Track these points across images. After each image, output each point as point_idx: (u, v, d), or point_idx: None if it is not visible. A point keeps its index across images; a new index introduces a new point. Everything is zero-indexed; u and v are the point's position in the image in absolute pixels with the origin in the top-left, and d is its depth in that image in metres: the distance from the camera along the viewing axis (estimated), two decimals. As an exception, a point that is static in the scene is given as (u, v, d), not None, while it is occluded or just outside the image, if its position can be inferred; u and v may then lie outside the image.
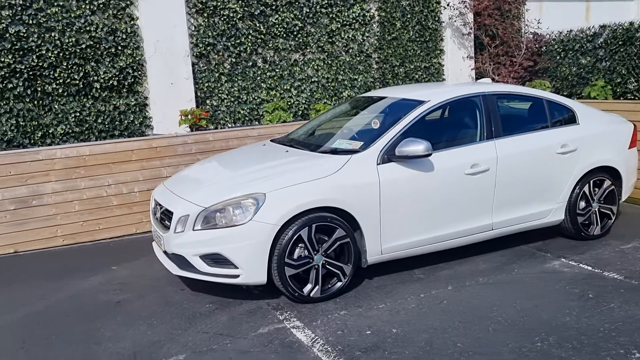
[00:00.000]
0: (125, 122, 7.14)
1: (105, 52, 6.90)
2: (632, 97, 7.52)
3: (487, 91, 5.26)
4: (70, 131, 6.88)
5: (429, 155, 4.59)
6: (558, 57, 8.74)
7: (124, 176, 6.36)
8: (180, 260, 4.46)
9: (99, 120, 6.99)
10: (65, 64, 6.70)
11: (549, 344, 3.66)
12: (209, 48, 7.57)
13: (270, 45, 7.88)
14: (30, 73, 6.60)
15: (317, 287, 4.43)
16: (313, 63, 8.24)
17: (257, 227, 4.21)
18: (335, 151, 4.83)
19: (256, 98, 7.89)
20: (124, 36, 6.98)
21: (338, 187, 4.44)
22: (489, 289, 4.58)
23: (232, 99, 7.76)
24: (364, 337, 3.87)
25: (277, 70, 8.02)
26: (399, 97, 5.42)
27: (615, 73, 7.88)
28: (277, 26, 7.86)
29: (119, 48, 6.98)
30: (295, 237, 4.28)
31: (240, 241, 4.21)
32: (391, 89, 5.96)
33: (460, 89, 5.31)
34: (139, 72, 7.13)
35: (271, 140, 5.74)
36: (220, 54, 7.64)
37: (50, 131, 6.79)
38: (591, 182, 5.57)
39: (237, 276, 4.28)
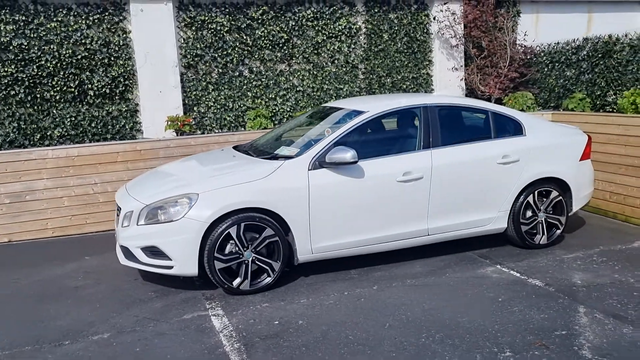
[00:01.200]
0: (117, 126, 7.79)
1: (99, 63, 7.58)
2: (611, 110, 7.55)
3: (429, 103, 5.53)
4: (67, 134, 7.58)
5: (355, 162, 4.92)
6: (546, 69, 8.81)
7: (110, 176, 6.97)
8: (126, 252, 4.98)
9: (93, 125, 7.67)
10: (62, 73, 7.41)
11: (432, 340, 3.93)
12: (197, 59, 8.13)
13: (256, 57, 8.37)
14: (31, 81, 7.35)
15: (246, 280, 4.83)
16: (298, 73, 8.66)
17: (189, 224, 4.67)
18: (275, 157, 5.23)
19: (242, 106, 8.39)
20: (117, 48, 7.65)
21: (267, 190, 4.84)
22: (410, 290, 4.86)
23: (219, 107, 8.29)
24: (270, 326, 4.25)
25: (263, 80, 8.49)
26: (350, 108, 5.77)
27: (596, 86, 7.92)
28: (263, 38, 8.34)
29: (112, 59, 7.65)
30: (224, 234, 4.71)
31: (174, 236, 4.68)
32: (352, 99, 6.30)
33: (403, 101, 5.60)
34: (130, 81, 7.78)
35: (233, 147, 6.19)
36: (208, 64, 8.18)
37: (49, 134, 7.51)
38: (536, 192, 5.73)
39: (171, 267, 4.75)
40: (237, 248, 4.78)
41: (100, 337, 4.18)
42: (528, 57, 9.06)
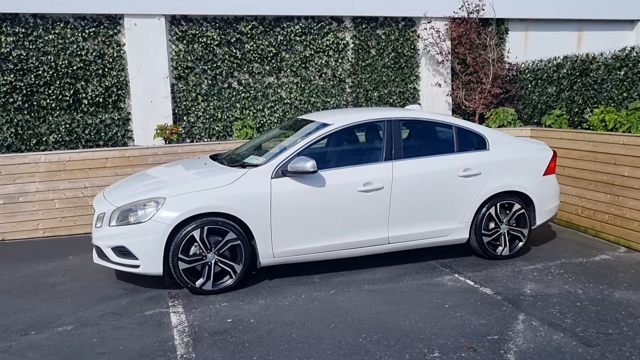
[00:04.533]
0: (110, 133, 8.19)
1: (94, 73, 8.00)
2: (587, 127, 7.71)
3: (393, 117, 5.78)
4: (61, 140, 7.99)
5: (315, 172, 5.19)
6: (529, 86, 9.00)
7: (99, 180, 7.33)
8: (99, 251, 5.30)
9: (87, 132, 8.07)
10: (58, 82, 7.84)
11: (369, 340, 4.16)
12: (187, 71, 8.50)
13: (245, 69, 8.70)
14: (29, 90, 7.79)
15: (208, 281, 5.12)
16: (286, 86, 8.96)
17: (155, 226, 4.97)
18: (244, 165, 5.53)
19: (230, 116, 8.72)
20: (111, 59, 8.06)
21: (231, 196, 5.13)
22: (364, 295, 5.09)
23: (208, 117, 8.64)
24: (223, 324, 4.52)
25: (251, 91, 8.81)
26: (320, 121, 6.03)
27: (574, 103, 8.09)
28: (252, 52, 8.68)
29: (106, 70, 8.06)
30: (188, 237, 5.01)
31: (141, 236, 4.99)
32: (325, 112, 6.56)
33: (368, 114, 5.86)
34: (123, 91, 8.18)
35: (213, 155, 6.50)
36: (198, 76, 8.54)
37: (44, 139, 7.93)
38: (498, 205, 5.92)
39: (137, 266, 5.05)
40: (200, 250, 5.07)
41: (64, 329, 4.49)
42: (513, 73, 9.26)
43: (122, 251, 5.09)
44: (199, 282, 5.10)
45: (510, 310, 4.69)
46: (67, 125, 7.99)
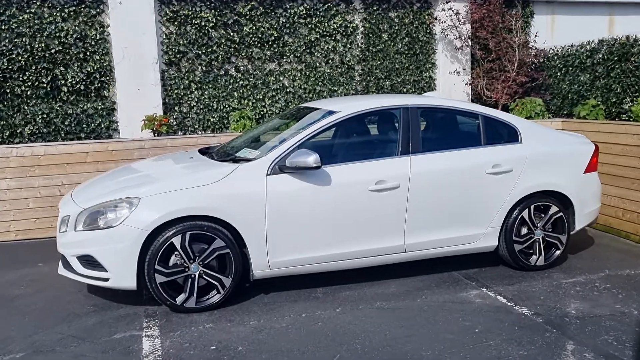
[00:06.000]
0: (92, 125, 7.41)
1: (74, 57, 7.22)
2: (627, 118, 6.84)
3: (410, 104, 4.94)
4: (38, 132, 7.22)
5: (318, 167, 4.37)
6: (559, 74, 8.12)
7: (79, 177, 6.54)
8: (64, 260, 4.51)
9: (66, 123, 7.29)
10: (34, 67, 7.06)
11: (383, 378, 3.35)
12: (179, 56, 7.73)
13: (243, 55, 7.91)
14: (1, 76, 7.01)
15: (191, 297, 4.31)
16: (289, 73, 8.19)
17: (126, 231, 4.17)
18: (235, 160, 4.72)
19: (227, 106, 7.96)
20: (93, 42, 7.27)
21: (218, 195, 4.32)
22: (376, 314, 4.27)
23: (202, 107, 7.87)
24: (204, 352, 3.71)
25: (251, 79, 8.05)
26: (325, 109, 5.21)
27: (611, 92, 7.21)
28: (251, 35, 7.87)
29: (88, 54, 7.27)
30: (167, 244, 4.21)
31: (109, 244, 4.20)
32: (332, 100, 5.76)
33: (382, 101, 5.04)
34: (107, 78, 7.40)
35: (204, 148, 5.69)
36: (191, 61, 7.78)
37: (19, 131, 7.15)
38: (532, 207, 5.08)
39: (106, 279, 4.26)
40: (182, 260, 4.27)
41: (12, 358, 3.69)
42: (540, 60, 8.39)
43: (89, 261, 4.29)
44: (179, 299, 4.30)
45: (555, 337, 3.85)
46: (45, 116, 7.20)
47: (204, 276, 4.32)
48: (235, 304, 4.49)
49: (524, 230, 5.12)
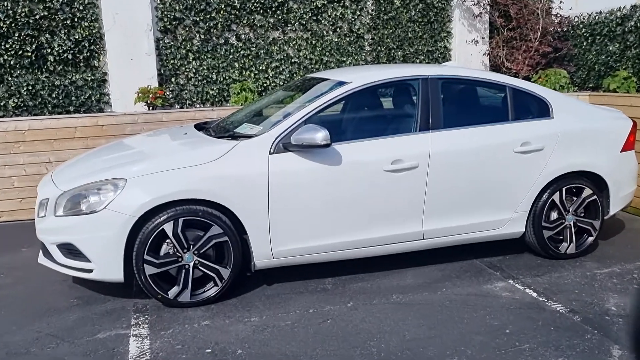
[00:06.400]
0: (82, 98, 6.87)
1: (60, 24, 6.65)
2: (662, 92, 6.29)
3: (430, 74, 4.41)
4: (23, 105, 6.69)
5: (328, 145, 3.86)
6: (585, 43, 7.53)
7: (66, 154, 6.04)
8: (44, 249, 4.05)
9: (54, 95, 6.75)
10: (17, 34, 6.50)
11: (405, 391, 2.89)
12: (175, 22, 7.16)
13: (245, 22, 7.33)
14: None
15: (185, 290, 3.85)
16: (294, 42, 7.63)
17: (111, 217, 3.69)
18: (234, 136, 4.21)
19: (227, 78, 7.41)
20: (81, 7, 6.68)
21: (215, 177, 3.83)
22: (393, 310, 3.81)
23: (200, 78, 7.33)
24: (198, 356, 3.26)
25: (253, 49, 7.49)
26: (335, 79, 4.67)
27: (644, 62, 6.64)
28: (253, 1, 7.27)
29: (76, 19, 6.69)
30: (157, 231, 3.73)
31: (92, 231, 3.72)
32: (342, 70, 5.24)
33: (398, 71, 4.51)
34: (97, 46, 6.84)
35: (202, 123, 5.18)
36: (188, 29, 7.21)
37: (2, 104, 6.62)
38: (564, 189, 4.59)
39: (90, 270, 3.80)
40: (174, 249, 3.80)
41: (-20, 361, 3.26)
42: (564, 29, 7.78)
43: (70, 250, 3.82)
44: (172, 292, 3.84)
45: (598, 340, 3.38)
46: (30, 87, 6.64)
47: (200, 267, 3.85)
48: (234, 297, 4.04)
49: (554, 215, 4.63)
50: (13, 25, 6.47)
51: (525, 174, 4.47)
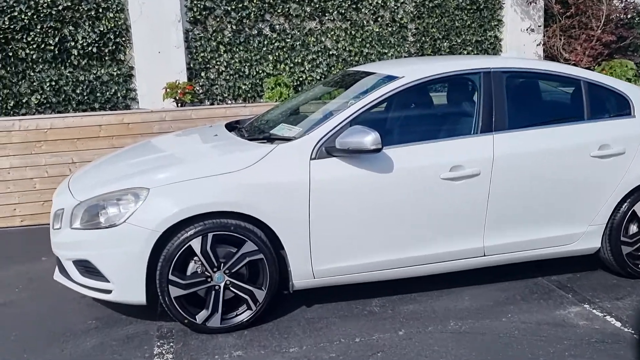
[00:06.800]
0: (107, 94, 6.57)
1: (85, 15, 6.37)
2: None
3: (493, 67, 3.86)
4: (46, 101, 6.40)
5: (379, 150, 3.36)
6: (654, 32, 6.84)
7: (90, 154, 5.68)
8: (59, 264, 3.66)
9: (78, 91, 6.47)
10: (39, 27, 6.22)
11: None
12: (205, 13, 6.86)
13: (279, 11, 6.98)
14: (2, 36, 6.20)
15: (215, 314, 3.41)
16: (332, 33, 7.27)
17: (132, 232, 3.27)
18: (270, 138, 3.73)
19: (260, 72, 7.10)
20: (106, -3, 6.36)
21: (249, 186, 3.37)
22: (453, 342, 3.29)
23: (232, 72, 7.05)
24: (230, 398, 2.81)
25: (288, 40, 7.18)
26: (383, 73, 4.15)
27: None
28: (288, -12, 6.90)
29: (101, 10, 6.39)
30: (184, 248, 3.29)
31: (111, 248, 3.30)
32: (389, 62, 4.76)
33: (454, 64, 3.97)
34: (123, 38, 6.55)
35: (232, 122, 4.72)
36: (220, 19, 6.90)
37: (25, 101, 6.34)
38: (646, 199, 3.99)
39: (109, 291, 3.38)
40: (203, 268, 3.35)
41: (-16, 398, 2.87)
42: (629, 15, 7.10)
43: (87, 268, 3.42)
44: (200, 316, 3.39)
45: None
46: (53, 83, 6.35)
47: (231, 288, 3.40)
48: (269, 321, 3.58)
49: (634, 229, 4.04)
50: (35, 16, 6.21)
51: (603, 182, 3.89)
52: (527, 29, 7.54)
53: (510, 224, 3.79)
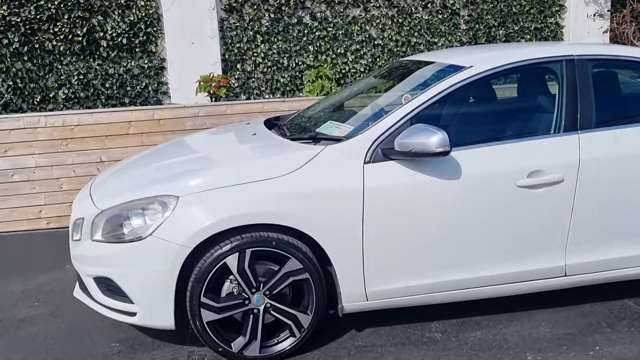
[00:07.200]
0: (138, 87, 6.28)
1: (114, 4, 6.06)
2: None
3: (577, 54, 3.31)
4: (74, 96, 6.13)
5: (446, 153, 2.87)
6: None
7: (120, 152, 5.35)
8: (80, 279, 3.27)
9: (107, 85, 6.17)
10: (67, 16, 5.93)
11: None
12: (241, 0, 6.52)
13: (321, -2, 6.58)
14: (27, 27, 5.94)
15: (254, 342, 2.97)
16: (378, 21, 6.88)
17: (159, 247, 2.84)
18: (316, 138, 3.26)
19: (300, 63, 6.76)
20: (137, -16, 6.04)
21: (293, 194, 2.91)
22: (534, 381, 2.77)
23: (270, 64, 6.70)
24: None
25: (330, 29, 6.81)
26: (445, 63, 3.63)
27: None
28: (330, -27, 6.54)
29: (131, -2, 6.04)
30: (218, 266, 2.86)
31: (135, 265, 2.89)
32: (448, 51, 4.27)
33: (530, 51, 3.47)
34: (154, 29, 6.25)
35: (272, 118, 4.28)
36: (257, 7, 6.53)
37: (52, 95, 6.07)
38: None
39: (133, 314, 2.97)
40: (239, 289, 2.91)
41: None
42: None
43: (109, 287, 3.01)
44: (236, 344, 2.96)
45: None
46: (81, 77, 6.07)
47: (272, 311, 2.95)
48: (315, 349, 3.12)
49: None
50: (62, 6, 5.92)
51: None
52: (593, 15, 7.04)
53: (597, 240, 3.24)
